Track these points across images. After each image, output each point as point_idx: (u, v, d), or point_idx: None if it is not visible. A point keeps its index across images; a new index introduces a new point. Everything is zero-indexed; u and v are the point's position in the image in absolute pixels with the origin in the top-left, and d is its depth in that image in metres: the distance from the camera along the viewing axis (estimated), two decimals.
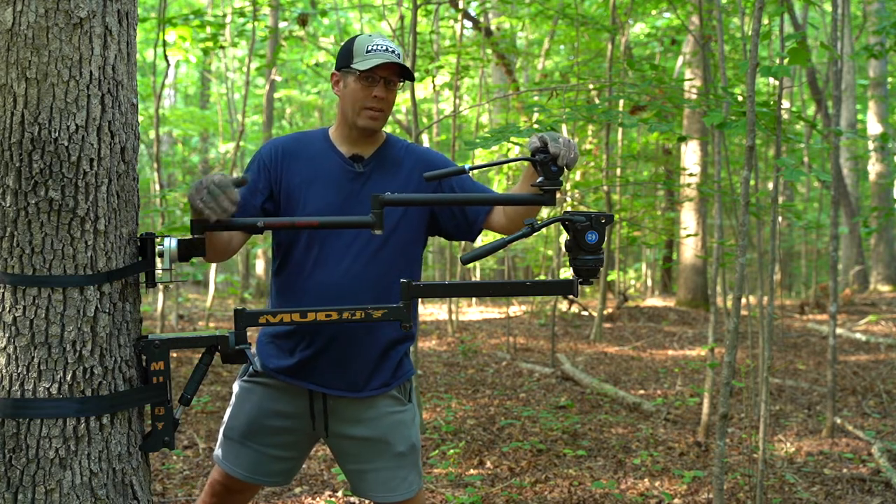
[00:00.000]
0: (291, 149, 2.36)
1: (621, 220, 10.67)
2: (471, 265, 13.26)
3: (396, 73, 2.29)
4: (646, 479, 4.38)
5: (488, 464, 4.62)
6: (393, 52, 2.27)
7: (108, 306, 1.85)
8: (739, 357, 7.35)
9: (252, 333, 2.14)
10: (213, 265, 10.22)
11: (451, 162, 2.44)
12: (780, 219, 9.99)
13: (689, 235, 10.90)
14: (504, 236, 2.05)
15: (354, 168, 2.33)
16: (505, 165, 10.79)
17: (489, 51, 11.20)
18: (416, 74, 7.14)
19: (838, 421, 5.46)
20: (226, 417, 2.42)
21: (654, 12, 12.57)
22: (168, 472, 4.40)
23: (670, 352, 8.87)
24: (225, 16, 9.23)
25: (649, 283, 18.79)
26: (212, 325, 10.16)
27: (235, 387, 2.44)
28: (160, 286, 6.35)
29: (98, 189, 1.82)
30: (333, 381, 2.29)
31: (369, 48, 2.26)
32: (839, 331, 9.51)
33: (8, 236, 1.78)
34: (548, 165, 1.97)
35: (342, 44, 2.39)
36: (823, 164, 14.44)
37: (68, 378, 1.79)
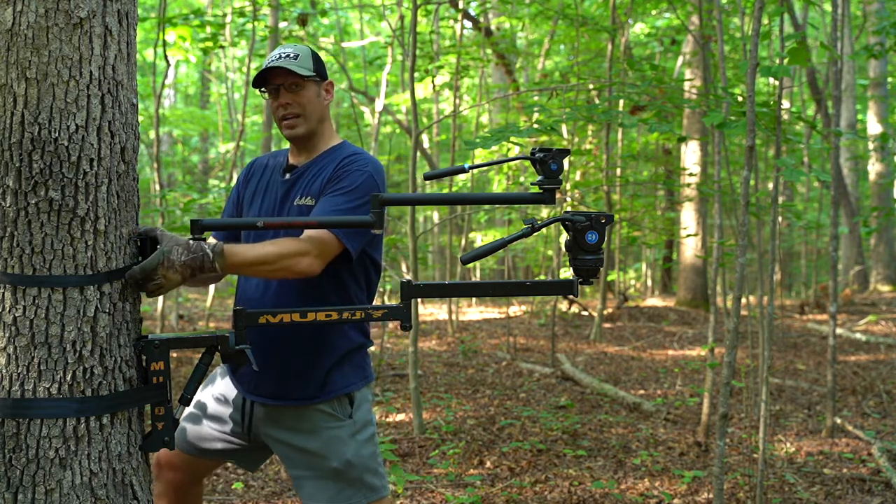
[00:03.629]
0: (259, 164, 2.51)
1: (621, 220, 10.67)
2: (471, 265, 13.27)
3: (291, 74, 2.31)
4: (646, 479, 4.38)
5: (488, 464, 4.62)
6: (285, 56, 2.33)
7: (108, 306, 1.85)
8: (739, 357, 7.35)
9: None
10: None
11: (360, 172, 2.29)
12: (780, 219, 10.00)
13: (689, 235, 10.89)
14: (504, 236, 2.05)
15: (283, 178, 2.40)
16: (505, 165, 10.79)
17: (489, 51, 11.20)
18: (417, 74, 7.13)
19: (838, 421, 5.46)
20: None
21: (654, 12, 12.57)
22: None
23: (670, 352, 8.87)
24: (225, 16, 9.23)
25: (649, 283, 18.79)
26: (212, 325, 10.16)
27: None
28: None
29: (98, 189, 1.83)
30: (255, 386, 2.34)
31: (265, 65, 2.35)
32: (839, 331, 9.51)
33: (8, 236, 1.78)
34: (547, 164, 1.97)
35: None
36: (823, 164, 14.44)
37: (68, 378, 1.79)
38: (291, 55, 2.33)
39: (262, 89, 2.38)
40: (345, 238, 2.21)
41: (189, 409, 2.46)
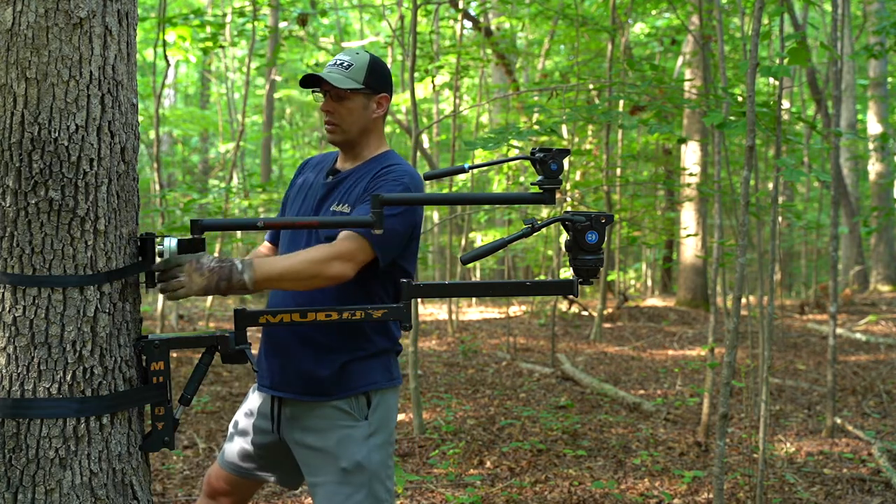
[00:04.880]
0: (311, 163, 2.56)
1: (621, 220, 10.66)
2: (471, 265, 13.27)
3: (336, 82, 2.32)
4: (646, 479, 4.38)
5: (488, 464, 4.62)
6: (339, 64, 2.34)
7: (108, 306, 1.85)
8: (739, 357, 7.35)
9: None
10: None
11: (395, 183, 2.27)
12: (780, 219, 10.00)
13: (689, 235, 10.88)
14: (504, 236, 2.05)
15: (325, 180, 2.41)
16: (505, 165, 10.80)
17: (489, 51, 11.20)
18: (417, 74, 7.14)
19: (838, 421, 5.46)
20: None
21: (654, 12, 12.57)
22: (168, 472, 4.40)
23: (670, 352, 8.87)
24: (225, 16, 9.24)
25: (649, 283, 18.79)
26: (212, 325, 10.16)
27: None
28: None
29: (98, 189, 1.83)
30: (277, 383, 2.34)
31: (325, 70, 2.37)
32: (839, 331, 9.51)
33: (8, 236, 1.78)
34: (547, 164, 1.97)
35: None
36: (823, 164, 14.44)
37: (68, 378, 1.79)
38: (345, 64, 2.33)
39: (315, 90, 2.39)
40: (377, 246, 2.19)
41: (229, 430, 2.50)
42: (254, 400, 2.45)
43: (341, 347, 2.29)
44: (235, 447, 2.45)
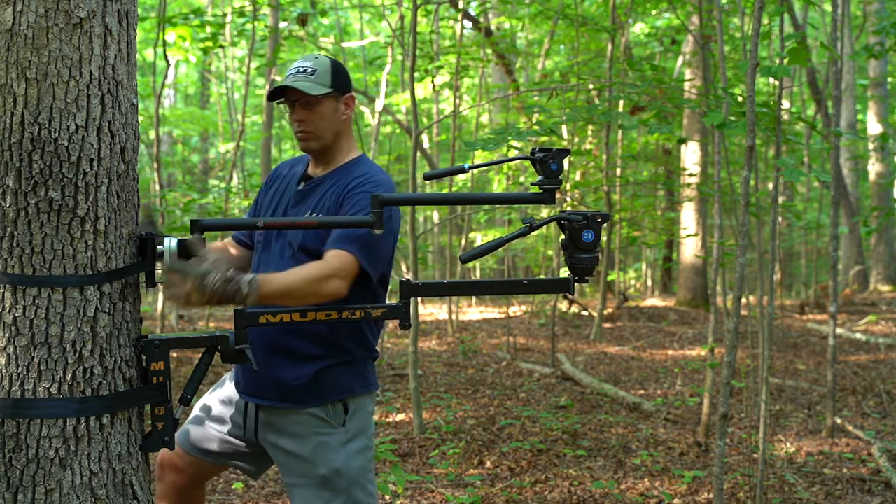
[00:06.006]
0: (280, 171, 2.55)
1: (621, 220, 10.66)
2: (470, 265, 13.27)
3: (304, 94, 2.31)
4: (646, 479, 4.38)
5: (488, 464, 4.62)
6: (302, 71, 2.31)
7: (108, 306, 1.85)
8: (739, 357, 7.35)
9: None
10: None
11: (367, 193, 2.25)
12: (780, 219, 9.99)
13: (689, 235, 10.88)
14: (501, 235, 2.06)
15: (297, 187, 2.41)
16: (505, 165, 10.80)
17: (489, 51, 11.20)
18: (417, 74, 7.14)
19: (838, 421, 5.46)
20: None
21: (654, 12, 12.57)
22: None
23: (670, 352, 8.87)
24: (225, 15, 9.23)
25: (649, 283, 18.79)
26: (212, 325, 10.16)
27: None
28: (160, 286, 6.34)
29: (98, 189, 1.83)
30: (253, 389, 2.34)
31: (283, 80, 2.35)
32: (839, 331, 9.51)
33: (8, 236, 1.78)
34: (547, 164, 1.97)
35: None
36: (823, 164, 14.43)
37: (68, 378, 1.79)
38: (309, 70, 2.32)
39: (280, 101, 2.38)
40: (364, 261, 2.19)
41: (194, 412, 2.47)
42: (231, 390, 2.44)
43: (315, 356, 2.28)
44: (204, 431, 2.44)
